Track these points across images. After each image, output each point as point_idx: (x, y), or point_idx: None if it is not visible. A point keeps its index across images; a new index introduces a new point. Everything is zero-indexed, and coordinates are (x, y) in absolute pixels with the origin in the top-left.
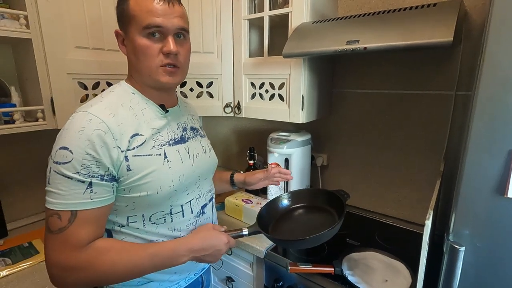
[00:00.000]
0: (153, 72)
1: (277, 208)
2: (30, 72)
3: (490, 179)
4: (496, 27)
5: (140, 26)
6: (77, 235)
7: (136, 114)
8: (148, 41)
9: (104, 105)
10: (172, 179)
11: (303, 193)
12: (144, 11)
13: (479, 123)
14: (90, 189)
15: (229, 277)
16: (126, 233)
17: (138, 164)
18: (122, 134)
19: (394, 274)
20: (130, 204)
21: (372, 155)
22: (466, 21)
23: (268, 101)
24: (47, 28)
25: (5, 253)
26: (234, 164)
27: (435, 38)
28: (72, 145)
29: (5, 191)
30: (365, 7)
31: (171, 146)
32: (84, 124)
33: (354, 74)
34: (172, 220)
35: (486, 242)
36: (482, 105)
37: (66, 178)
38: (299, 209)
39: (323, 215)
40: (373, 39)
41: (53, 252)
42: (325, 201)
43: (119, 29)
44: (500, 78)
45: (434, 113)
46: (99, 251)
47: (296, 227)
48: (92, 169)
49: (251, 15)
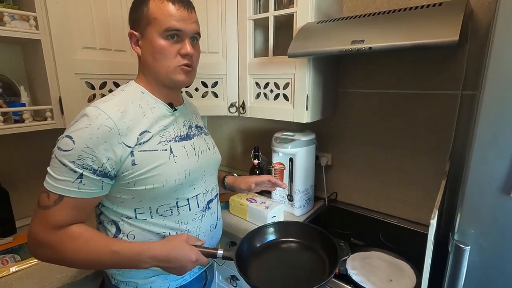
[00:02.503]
0: (170, 71)
1: (261, 242)
2: (39, 72)
3: (495, 179)
4: (502, 26)
5: (160, 28)
6: (57, 217)
7: (144, 113)
8: (167, 42)
9: (115, 102)
10: (177, 173)
11: (294, 227)
12: (166, 15)
13: (485, 123)
14: (80, 180)
15: (233, 275)
16: (134, 225)
17: (143, 158)
18: (130, 130)
19: (399, 274)
20: (136, 196)
21: (377, 155)
22: (472, 20)
23: (272, 101)
24: (56, 29)
25: (14, 249)
26: (239, 163)
27: (441, 38)
28: (76, 136)
29: (14, 188)
30: (371, 7)
31: (177, 142)
32: (92, 119)
33: (359, 73)
34: (179, 213)
35: (492, 241)
36: (488, 105)
37: (61, 165)
38: (286, 242)
39: (312, 260)
40: (378, 39)
41: (34, 224)
42: (319, 243)
43: (134, 30)
44: (506, 78)
45: (439, 113)
46: (69, 236)
47: (277, 270)
48: (86, 162)
49: (256, 15)
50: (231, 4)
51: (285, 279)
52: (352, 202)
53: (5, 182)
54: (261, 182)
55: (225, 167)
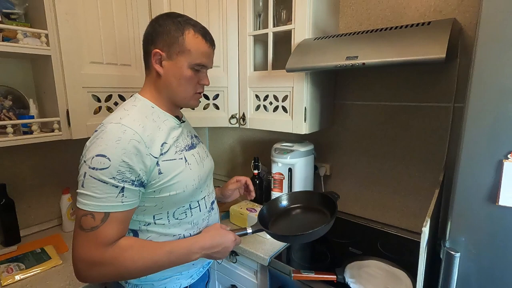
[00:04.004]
0: (188, 97)
1: (276, 208)
2: (48, 85)
3: (482, 188)
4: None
5: (192, 61)
6: (107, 234)
7: (159, 126)
8: (193, 73)
9: (133, 117)
10: (193, 179)
11: (299, 194)
12: (200, 51)
13: (470, 134)
14: (122, 193)
15: (233, 285)
16: (152, 231)
17: (167, 167)
18: (153, 142)
19: (396, 282)
20: (159, 203)
21: (374, 165)
22: (462, 36)
23: (272, 112)
24: (66, 45)
25: (19, 258)
26: (239, 173)
27: (429, 55)
28: (109, 153)
29: (20, 198)
30: (365, 24)
31: (187, 151)
32: (120, 135)
33: (355, 86)
34: (192, 215)
35: (480, 248)
36: (473, 117)
37: (102, 183)
38: (296, 209)
39: (317, 214)
40: (371, 55)
41: (82, 248)
42: (319, 202)
43: (159, 50)
44: (489, 92)
45: (434, 125)
46: (122, 249)
47: (293, 224)
48: (125, 175)
49: (256, 32)
50: (232, 20)
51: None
52: (350, 212)
53: (11, 192)
54: (241, 179)
55: (226, 177)
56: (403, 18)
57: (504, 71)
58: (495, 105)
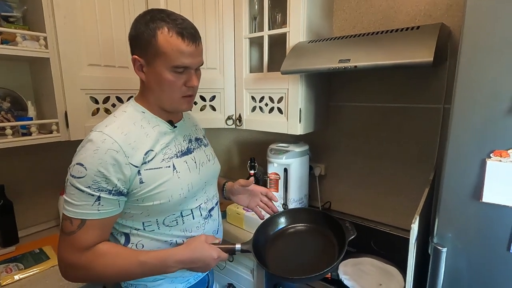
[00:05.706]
0: (175, 101)
1: (275, 226)
2: (46, 88)
3: (467, 186)
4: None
5: (169, 64)
6: (83, 239)
7: (147, 133)
8: (174, 76)
9: (117, 124)
10: (181, 188)
11: (305, 212)
12: (175, 51)
13: (456, 134)
14: (98, 202)
15: (230, 283)
16: (142, 236)
17: (150, 177)
18: (136, 151)
19: (388, 279)
20: (144, 211)
21: (368, 165)
22: (451, 40)
23: (267, 114)
24: (64, 48)
25: (17, 258)
26: (235, 174)
27: (417, 58)
28: (86, 163)
29: (18, 199)
30: (358, 27)
31: (178, 158)
32: (99, 144)
33: (349, 88)
34: (184, 222)
35: (466, 244)
36: (458, 118)
37: (78, 191)
38: (298, 229)
39: (323, 243)
40: (363, 58)
41: (63, 250)
42: (326, 226)
43: (137, 55)
44: (473, 94)
45: (424, 125)
46: (97, 255)
47: (292, 253)
48: (101, 184)
49: (251, 34)
50: (228, 23)
51: (300, 264)
52: (345, 211)
53: (10, 193)
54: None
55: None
56: (394, 21)
57: (487, 74)
58: (479, 106)
